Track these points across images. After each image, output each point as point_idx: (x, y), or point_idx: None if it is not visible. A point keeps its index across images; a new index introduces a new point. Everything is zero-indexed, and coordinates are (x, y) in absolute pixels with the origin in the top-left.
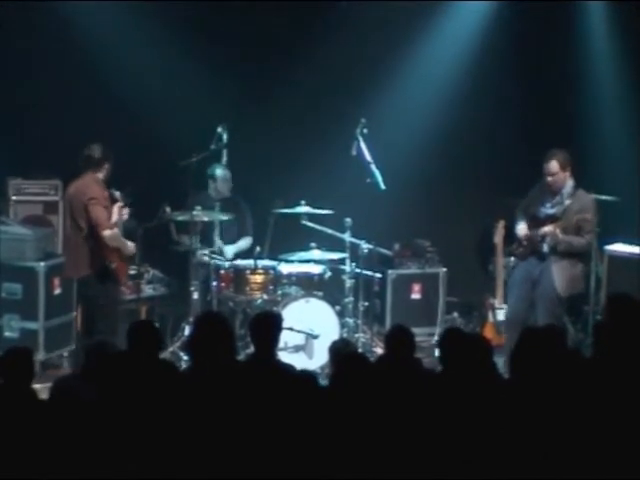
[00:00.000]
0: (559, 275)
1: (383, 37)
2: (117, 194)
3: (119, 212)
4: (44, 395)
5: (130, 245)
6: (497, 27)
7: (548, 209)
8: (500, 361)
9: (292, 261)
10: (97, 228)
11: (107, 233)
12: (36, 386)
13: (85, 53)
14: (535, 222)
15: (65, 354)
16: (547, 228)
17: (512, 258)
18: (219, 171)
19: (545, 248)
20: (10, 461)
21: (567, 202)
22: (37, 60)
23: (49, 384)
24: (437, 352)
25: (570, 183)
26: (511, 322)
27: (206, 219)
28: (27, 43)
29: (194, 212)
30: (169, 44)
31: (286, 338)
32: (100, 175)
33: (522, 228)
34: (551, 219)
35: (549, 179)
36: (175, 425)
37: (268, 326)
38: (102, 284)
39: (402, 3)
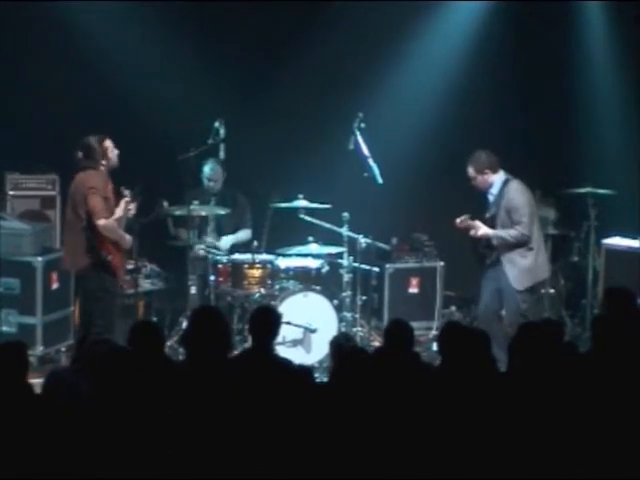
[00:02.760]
0: (510, 271)
1: (380, 34)
2: (126, 192)
3: (125, 207)
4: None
5: (128, 238)
6: (494, 24)
7: (489, 210)
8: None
9: (290, 255)
10: (92, 217)
11: (101, 222)
12: (33, 381)
13: (83, 49)
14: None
15: (63, 349)
16: (480, 232)
17: None
18: (205, 167)
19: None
20: (5, 455)
21: (498, 199)
22: (35, 56)
23: None
24: (435, 346)
25: (497, 182)
26: (482, 317)
27: (203, 213)
28: (26, 39)
29: (191, 207)
30: (167, 40)
31: (284, 332)
32: (103, 167)
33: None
34: (491, 220)
35: (471, 183)
36: (170, 419)
37: (267, 321)
38: (99, 277)
39: (397, 3)
